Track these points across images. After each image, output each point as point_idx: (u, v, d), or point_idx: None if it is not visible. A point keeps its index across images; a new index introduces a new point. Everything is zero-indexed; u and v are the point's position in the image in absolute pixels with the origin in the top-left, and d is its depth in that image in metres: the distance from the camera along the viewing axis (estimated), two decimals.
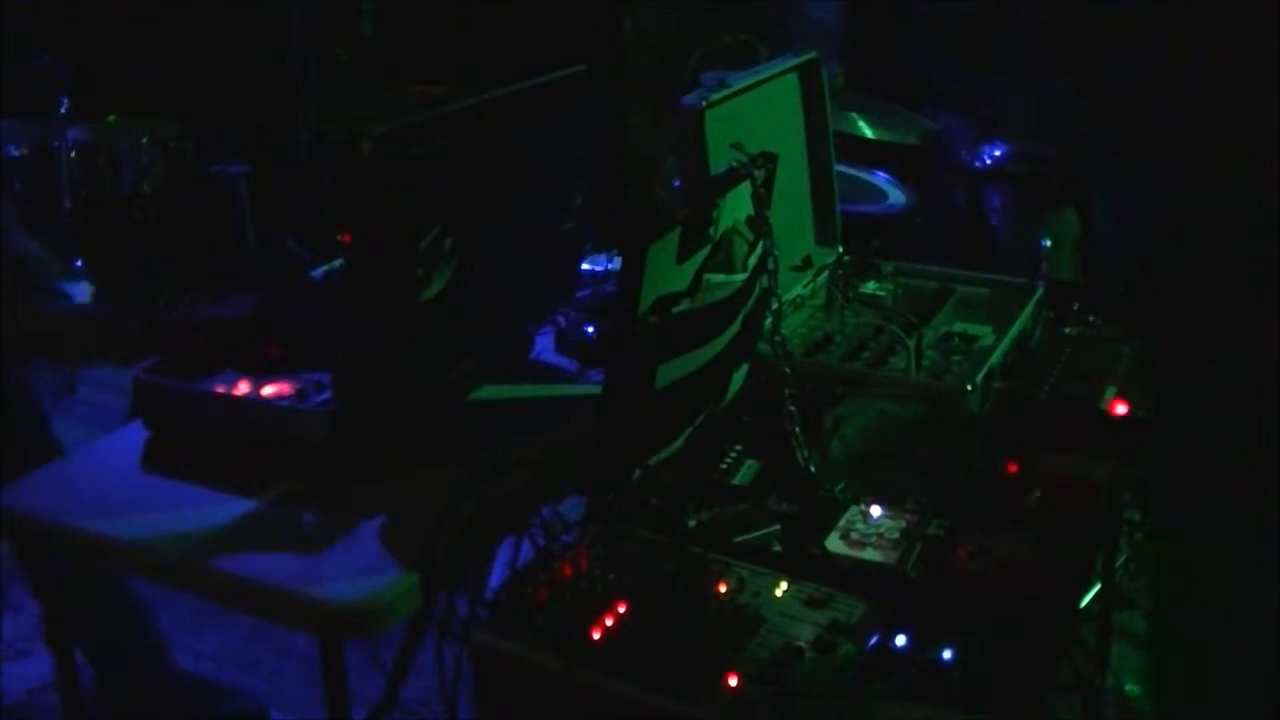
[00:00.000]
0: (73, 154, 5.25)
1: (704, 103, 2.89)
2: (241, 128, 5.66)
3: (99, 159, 5.21)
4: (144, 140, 5.24)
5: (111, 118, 5.43)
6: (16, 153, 5.49)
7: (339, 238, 3.58)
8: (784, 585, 2.23)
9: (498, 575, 2.60)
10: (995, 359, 2.89)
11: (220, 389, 2.75)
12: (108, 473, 2.70)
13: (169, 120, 5.43)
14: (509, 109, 2.84)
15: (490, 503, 2.48)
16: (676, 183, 3.86)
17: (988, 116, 5.58)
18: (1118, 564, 3.33)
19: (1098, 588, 2.85)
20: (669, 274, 2.36)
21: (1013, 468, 2.59)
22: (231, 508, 2.53)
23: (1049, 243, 4.28)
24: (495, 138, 2.77)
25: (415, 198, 2.56)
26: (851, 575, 2.27)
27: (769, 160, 2.63)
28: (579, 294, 3.25)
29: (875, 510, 2.46)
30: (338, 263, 3.35)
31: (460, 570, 2.44)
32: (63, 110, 5.58)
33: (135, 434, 2.79)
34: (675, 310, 2.38)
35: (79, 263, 5.27)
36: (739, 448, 2.69)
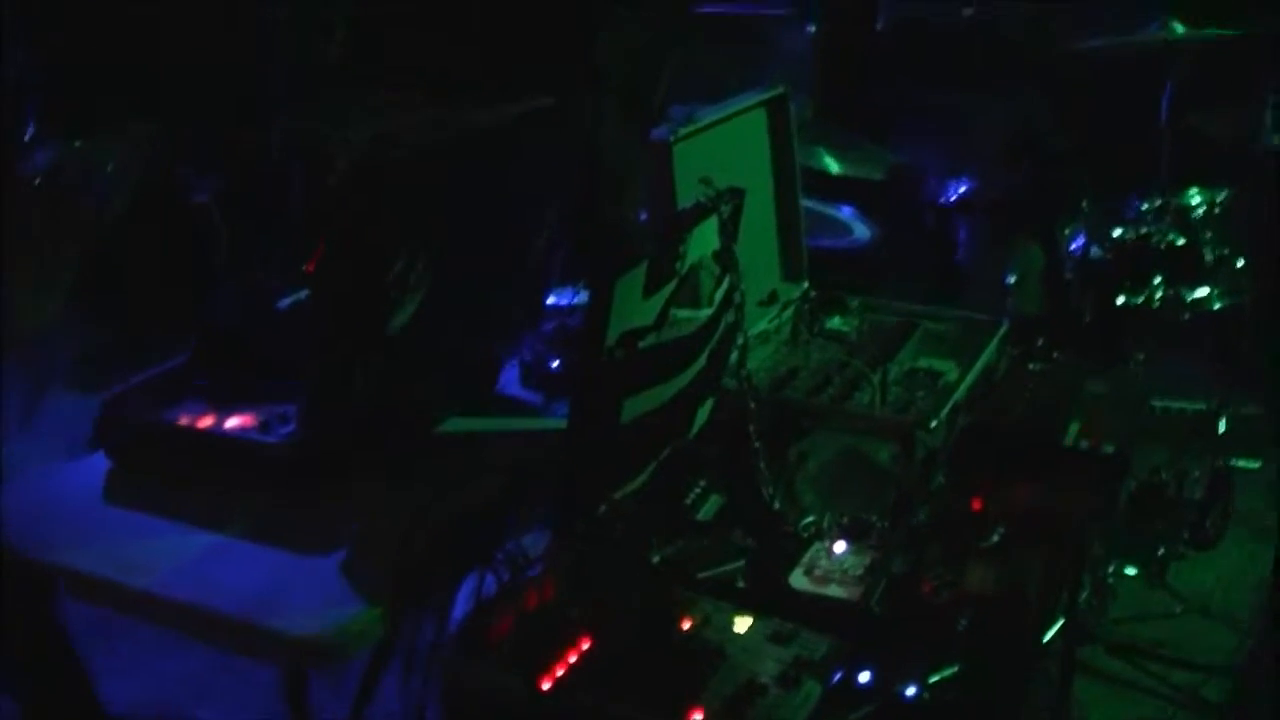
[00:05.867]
0: (37, 181, 5.21)
1: (672, 137, 2.90)
2: (215, 139, 5.60)
3: (65, 187, 5.17)
4: (109, 167, 5.21)
5: (78, 142, 5.38)
6: None
7: (304, 267, 3.56)
8: (748, 620, 2.23)
9: (462, 606, 2.59)
10: (960, 394, 2.90)
11: (184, 420, 2.74)
12: (69, 499, 2.69)
13: (138, 140, 5.38)
14: (481, 139, 2.84)
15: (455, 534, 2.48)
16: (644, 215, 3.86)
17: (957, 147, 5.61)
18: (1081, 598, 3.34)
19: (1061, 622, 2.86)
20: (635, 308, 2.36)
21: (977, 503, 2.60)
22: (195, 538, 2.51)
23: (1014, 278, 4.30)
24: (466, 168, 2.77)
25: (385, 227, 2.56)
26: (815, 611, 2.27)
27: (736, 195, 2.64)
28: (545, 326, 3.25)
29: (839, 546, 2.47)
30: (304, 292, 3.34)
31: (426, 600, 2.43)
32: (28, 136, 5.53)
33: (98, 461, 2.78)
34: (641, 344, 2.38)
35: None
36: (704, 482, 2.70)
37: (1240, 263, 4.35)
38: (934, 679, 2.19)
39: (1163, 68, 4.53)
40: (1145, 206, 4.35)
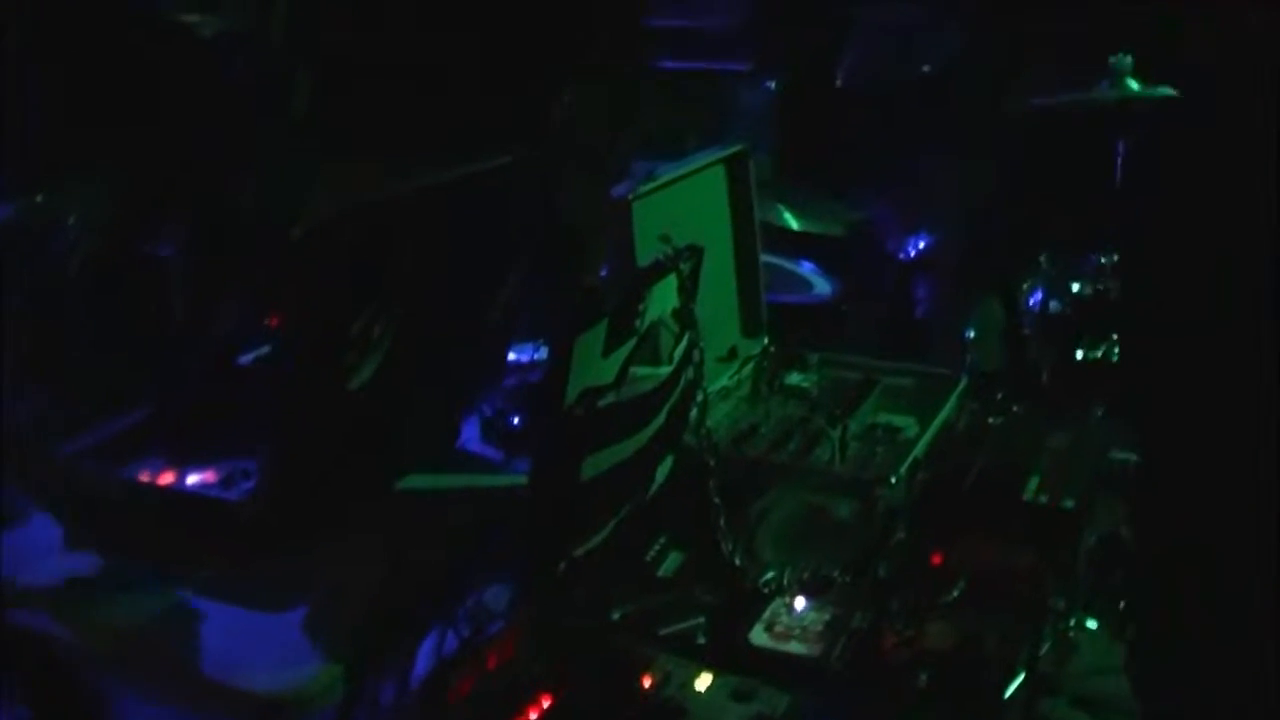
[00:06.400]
0: None
1: (632, 195, 2.90)
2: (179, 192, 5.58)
3: (24, 241, 5.16)
4: (71, 220, 5.19)
5: (39, 197, 5.36)
6: None
7: (267, 321, 3.57)
8: (709, 678, 2.23)
9: (423, 664, 2.59)
10: (919, 450, 2.91)
11: (145, 476, 2.74)
12: (31, 556, 2.68)
13: (99, 195, 5.36)
14: (442, 197, 2.85)
15: (416, 592, 2.47)
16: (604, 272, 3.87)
17: (916, 203, 5.64)
18: (1042, 652, 3.34)
19: (1023, 676, 2.87)
20: (595, 366, 2.37)
21: (938, 558, 2.60)
22: (155, 595, 2.51)
23: (973, 333, 4.30)
24: (427, 225, 2.78)
25: (346, 285, 2.56)
26: (776, 667, 2.28)
27: (695, 253, 2.65)
28: (506, 382, 3.25)
29: (800, 602, 2.47)
30: (265, 348, 3.34)
31: (386, 660, 2.43)
32: None
33: (60, 518, 2.77)
34: (601, 403, 2.38)
35: None
36: (664, 539, 2.70)
37: None
38: None
39: (1117, 125, 4.56)
40: (1103, 261, 4.37)
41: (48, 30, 3.50)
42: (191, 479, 2.73)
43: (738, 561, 2.60)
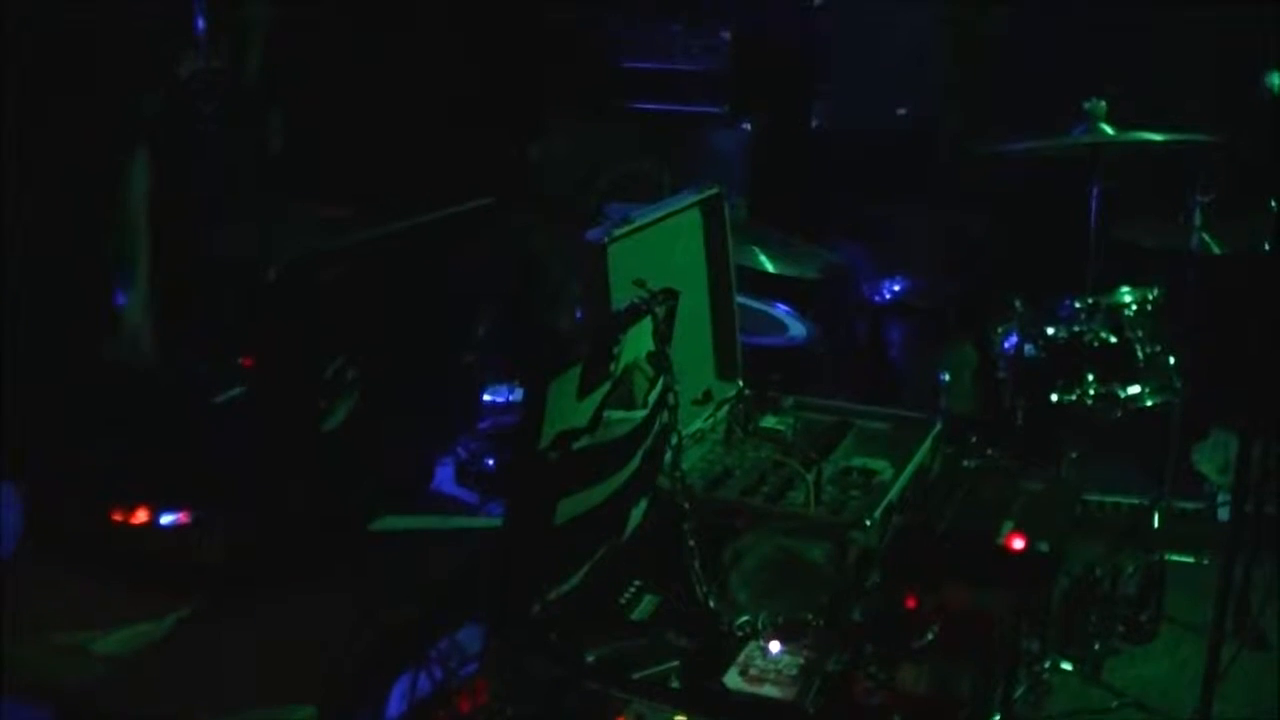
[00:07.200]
0: None
1: (607, 238, 2.91)
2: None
3: None
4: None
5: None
6: None
7: (240, 362, 3.56)
8: None
9: (396, 706, 2.58)
10: (894, 493, 2.91)
11: (118, 514, 2.73)
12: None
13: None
14: (415, 240, 2.85)
15: (389, 634, 2.47)
16: (580, 314, 3.87)
17: (891, 246, 5.66)
18: (1018, 694, 3.34)
19: (997, 719, 2.87)
20: (570, 409, 2.37)
21: (911, 601, 2.60)
22: (127, 634, 2.50)
23: (947, 376, 4.31)
24: (400, 269, 2.78)
25: (320, 327, 2.56)
26: (750, 711, 2.27)
27: (670, 297, 2.65)
28: (480, 425, 3.25)
29: (774, 645, 2.47)
30: (239, 389, 3.34)
31: (359, 702, 2.42)
32: None
33: (33, 554, 2.76)
34: (575, 446, 2.38)
35: None
36: (638, 582, 2.69)
37: (1171, 360, 4.40)
38: None
39: (1091, 169, 4.58)
40: (1077, 305, 4.39)
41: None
42: (165, 518, 2.72)
43: (712, 605, 2.60)
